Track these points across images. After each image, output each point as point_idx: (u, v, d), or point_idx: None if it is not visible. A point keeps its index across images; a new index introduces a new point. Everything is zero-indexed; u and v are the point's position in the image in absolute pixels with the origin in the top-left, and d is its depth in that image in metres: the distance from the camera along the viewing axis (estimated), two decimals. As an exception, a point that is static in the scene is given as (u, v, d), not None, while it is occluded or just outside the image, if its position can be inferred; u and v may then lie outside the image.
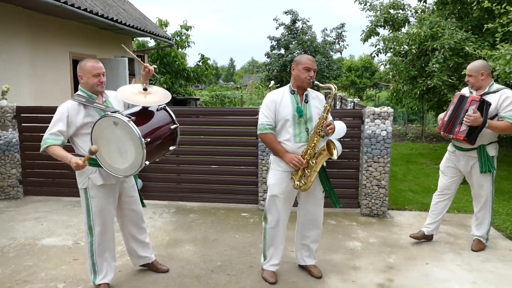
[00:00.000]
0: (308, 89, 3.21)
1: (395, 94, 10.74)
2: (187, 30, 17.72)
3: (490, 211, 3.89)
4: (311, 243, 3.38)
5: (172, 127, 2.92)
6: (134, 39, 14.72)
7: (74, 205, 5.23)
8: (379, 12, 9.20)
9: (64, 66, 8.46)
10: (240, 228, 4.46)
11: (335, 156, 3.00)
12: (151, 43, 18.08)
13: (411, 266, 3.58)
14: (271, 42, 20.17)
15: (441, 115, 3.87)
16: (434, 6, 9.23)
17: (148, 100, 2.82)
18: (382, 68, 13.75)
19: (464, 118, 3.49)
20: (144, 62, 13.48)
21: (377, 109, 4.79)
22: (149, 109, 2.90)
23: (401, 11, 9.31)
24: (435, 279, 3.35)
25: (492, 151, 3.71)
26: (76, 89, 9.25)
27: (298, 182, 3.09)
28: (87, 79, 2.84)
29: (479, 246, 3.92)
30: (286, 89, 3.22)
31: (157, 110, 2.92)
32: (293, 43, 19.46)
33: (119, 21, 8.72)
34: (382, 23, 9.09)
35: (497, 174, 7.13)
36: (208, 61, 18.41)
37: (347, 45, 20.26)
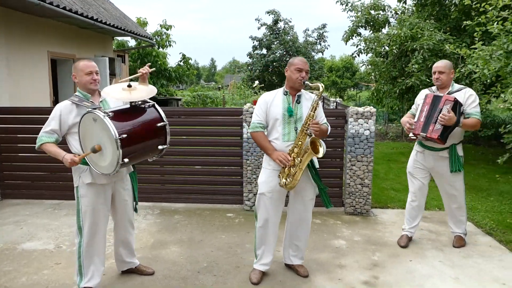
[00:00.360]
0: (303, 90, 3.25)
1: (375, 94, 10.91)
2: (167, 29, 17.60)
3: (465, 207, 3.98)
4: (299, 243, 3.39)
5: (159, 125, 2.85)
6: (114, 38, 14.49)
7: (55, 208, 5.12)
8: (360, 13, 9.32)
9: (42, 66, 8.25)
10: (226, 228, 4.45)
11: (320, 154, 3.02)
12: (131, 42, 17.92)
13: (396, 263, 3.64)
14: (253, 42, 20.19)
15: (405, 119, 3.84)
16: (414, 8, 9.40)
17: (133, 96, 2.79)
18: (363, 68, 13.91)
19: (440, 118, 3.50)
20: (124, 62, 13.25)
21: (360, 109, 4.84)
22: (139, 106, 2.85)
23: (381, 12, 9.45)
24: (419, 275, 3.41)
25: (460, 151, 3.80)
26: (55, 89, 9.09)
27: (284, 180, 3.10)
28: (80, 77, 2.88)
29: (461, 242, 4.00)
30: (279, 90, 3.28)
31: (146, 107, 2.87)
32: (275, 43, 19.51)
33: (99, 20, 8.57)
34: (364, 24, 9.20)
35: (475, 171, 7.38)
36: (190, 61, 18.33)
37: (329, 45, 20.42)
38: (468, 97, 3.66)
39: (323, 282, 3.28)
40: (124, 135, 2.59)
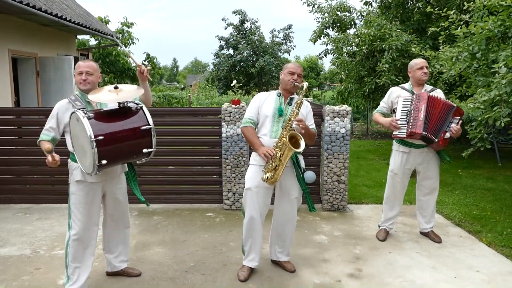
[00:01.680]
0: (295, 95, 3.32)
1: (343, 92, 11.18)
2: (128, 27, 17.23)
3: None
4: (285, 240, 3.44)
5: (143, 128, 2.81)
6: (77, 37, 14.00)
7: (25, 213, 4.91)
8: (327, 14, 9.52)
9: (3, 65, 7.86)
10: (208, 228, 4.44)
11: (300, 149, 3.08)
12: (92, 41, 17.38)
13: (376, 256, 3.77)
14: (220, 42, 20.15)
15: (388, 119, 3.88)
16: (378, 10, 9.72)
17: (120, 96, 2.75)
18: (330, 67, 14.10)
19: (453, 131, 3.71)
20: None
21: (336, 108, 4.98)
22: (127, 107, 2.82)
23: (347, 14, 9.70)
24: (399, 266, 3.56)
25: None
26: (16, 89, 8.68)
27: (267, 174, 3.14)
28: (75, 76, 2.93)
29: (438, 235, 4.13)
30: (274, 92, 3.39)
31: (134, 110, 2.83)
32: (242, 43, 19.55)
33: (63, 17, 8.27)
34: (331, 24, 9.41)
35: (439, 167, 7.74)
36: (154, 61, 18.01)
37: (295, 46, 20.70)
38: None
39: (311, 276, 3.36)
40: (101, 137, 2.58)
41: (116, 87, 2.85)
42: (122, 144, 2.76)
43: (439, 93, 3.94)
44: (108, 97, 2.79)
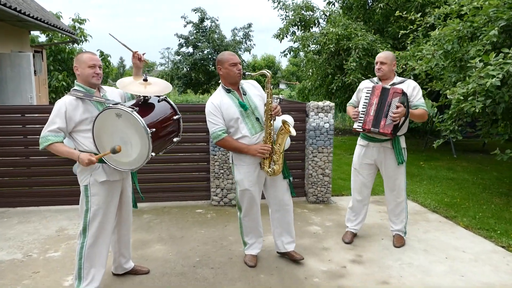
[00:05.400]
0: (241, 81, 3.28)
1: (301, 91, 11.47)
2: (80, 23, 16.56)
3: (406, 203, 3.90)
4: (290, 228, 3.53)
5: (175, 117, 2.88)
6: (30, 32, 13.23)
7: (2, 217, 4.63)
8: (293, 12, 9.76)
9: (-46, 61, 7.32)
10: (202, 224, 4.44)
11: (293, 132, 3.17)
12: (41, 38, 16.50)
13: (371, 242, 3.98)
14: (179, 40, 19.86)
15: (351, 111, 3.78)
16: (340, 10, 10.11)
17: (148, 90, 2.75)
18: (288, 65, 14.33)
19: (392, 114, 3.44)
20: (42, 59, 12.13)
21: (320, 103, 5.15)
22: (150, 101, 2.82)
23: (311, 12, 10.01)
24: (395, 250, 3.78)
25: (403, 142, 3.73)
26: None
27: (270, 169, 3.22)
28: (83, 69, 2.72)
29: (401, 241, 3.88)
30: (220, 91, 3.24)
31: (158, 101, 2.84)
32: (202, 41, 19.37)
33: (22, 11, 7.82)
34: (297, 22, 9.66)
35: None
36: (109, 58, 17.42)
37: (254, 44, 20.82)
38: (413, 88, 3.62)
39: (316, 264, 3.49)
40: (153, 129, 2.56)
41: (145, 80, 2.83)
42: (164, 135, 2.78)
43: (408, 85, 3.64)
44: (136, 88, 2.78)
